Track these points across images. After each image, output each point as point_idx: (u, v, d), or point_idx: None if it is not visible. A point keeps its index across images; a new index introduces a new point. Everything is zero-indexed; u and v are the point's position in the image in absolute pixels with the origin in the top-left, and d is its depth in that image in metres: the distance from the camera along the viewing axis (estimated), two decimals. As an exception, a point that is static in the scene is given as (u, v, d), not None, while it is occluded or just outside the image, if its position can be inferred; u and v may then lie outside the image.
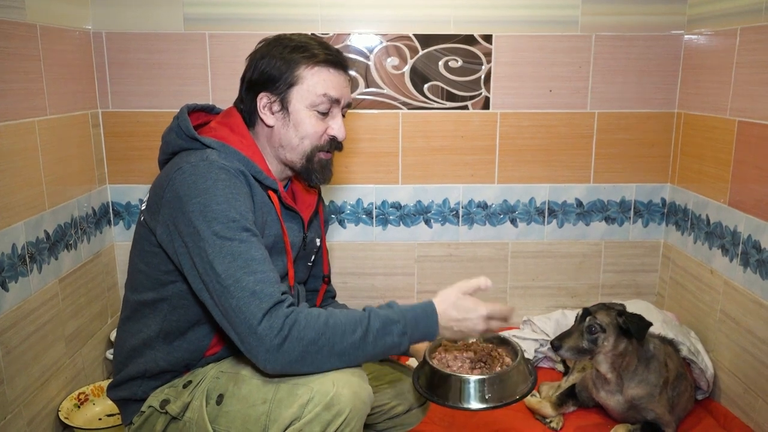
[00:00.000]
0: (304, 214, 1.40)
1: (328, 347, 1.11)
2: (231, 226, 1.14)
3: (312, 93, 1.31)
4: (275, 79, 1.31)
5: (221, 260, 1.12)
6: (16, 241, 1.61)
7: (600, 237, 2.34)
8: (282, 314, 1.10)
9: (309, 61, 1.30)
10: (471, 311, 1.20)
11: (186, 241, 1.15)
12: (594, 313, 1.67)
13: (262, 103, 1.33)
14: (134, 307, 1.30)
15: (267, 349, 1.09)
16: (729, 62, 1.90)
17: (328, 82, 1.32)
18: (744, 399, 1.82)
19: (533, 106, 2.22)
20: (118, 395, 1.34)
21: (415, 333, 1.18)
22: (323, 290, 1.56)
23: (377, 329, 1.15)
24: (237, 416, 1.16)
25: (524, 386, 1.26)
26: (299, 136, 1.33)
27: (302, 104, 1.31)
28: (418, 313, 1.19)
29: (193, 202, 1.15)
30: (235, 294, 1.10)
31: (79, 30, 2.00)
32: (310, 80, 1.31)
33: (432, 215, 2.30)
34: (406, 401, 1.46)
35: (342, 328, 1.13)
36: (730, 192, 1.91)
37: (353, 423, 1.13)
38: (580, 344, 1.65)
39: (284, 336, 1.08)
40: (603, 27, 2.17)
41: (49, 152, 1.78)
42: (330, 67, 1.32)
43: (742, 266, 1.85)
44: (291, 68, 1.30)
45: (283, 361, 1.10)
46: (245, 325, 1.09)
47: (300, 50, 1.31)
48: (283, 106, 1.32)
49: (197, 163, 1.19)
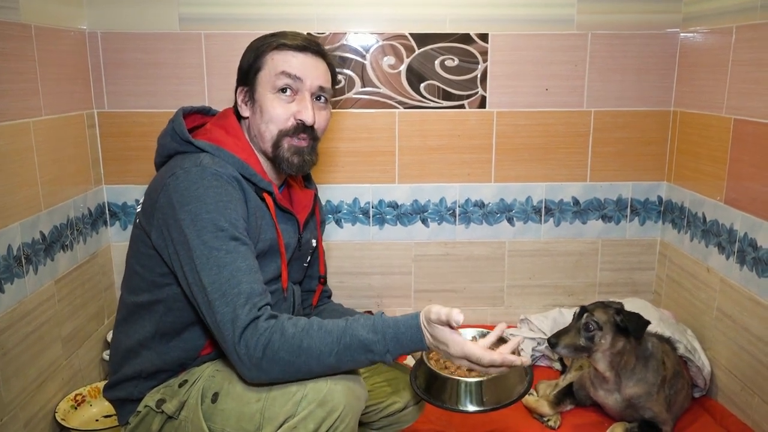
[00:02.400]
0: (300, 216, 1.40)
1: (305, 368, 1.12)
2: (219, 236, 1.15)
3: (272, 74, 1.31)
4: (246, 70, 1.34)
5: (208, 271, 1.13)
6: (11, 242, 1.61)
7: (597, 235, 2.34)
8: (257, 333, 1.11)
9: (271, 45, 1.32)
10: (446, 343, 1.14)
11: (177, 249, 1.17)
12: (591, 311, 1.67)
13: (240, 97, 1.35)
14: (130, 308, 1.31)
15: (248, 367, 1.12)
16: (725, 60, 1.90)
17: (289, 62, 1.31)
18: (741, 396, 1.83)
19: (530, 105, 2.22)
20: (114, 395, 1.34)
21: (399, 346, 1.15)
22: (319, 290, 1.56)
23: (355, 347, 1.13)
24: (232, 414, 1.17)
25: (521, 387, 1.26)
26: (265, 122, 1.32)
27: (265, 89, 1.31)
28: (400, 326, 1.15)
29: (184, 209, 1.16)
30: (219, 310, 1.12)
31: (74, 30, 2.00)
32: (271, 63, 1.31)
33: (429, 214, 2.30)
34: (402, 399, 1.46)
35: (317, 350, 1.11)
36: (726, 190, 1.91)
37: (347, 420, 1.13)
38: (577, 342, 1.65)
39: (259, 357, 1.10)
40: (599, 25, 2.17)
41: (45, 153, 1.78)
42: (294, 50, 1.31)
43: (738, 264, 1.85)
44: (258, 56, 1.32)
45: (265, 377, 1.13)
46: (227, 342, 1.12)
47: (269, 37, 1.33)
48: (251, 96, 1.33)
49: (190, 168, 1.20)
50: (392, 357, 1.15)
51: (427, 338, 1.15)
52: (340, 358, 1.12)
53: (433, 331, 1.14)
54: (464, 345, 1.13)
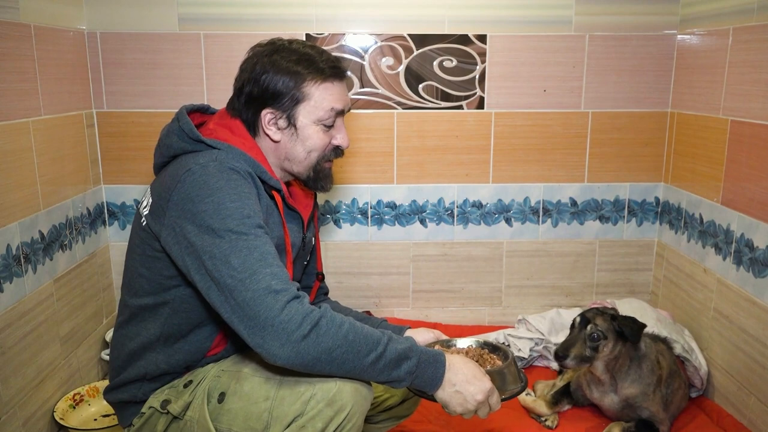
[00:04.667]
0: (304, 215, 1.41)
1: (340, 360, 1.10)
2: (246, 222, 1.14)
3: (320, 108, 1.31)
4: (281, 95, 1.29)
5: (237, 254, 1.10)
6: (10, 242, 1.61)
7: (594, 236, 2.35)
8: (302, 310, 1.08)
9: (315, 77, 1.29)
10: (479, 379, 1.18)
11: (194, 241, 1.13)
12: (593, 319, 1.67)
13: (267, 119, 1.31)
14: (133, 310, 1.29)
15: (282, 342, 1.06)
16: (721, 62, 1.91)
17: (335, 95, 1.32)
18: (737, 396, 1.84)
19: (527, 106, 2.23)
20: (116, 398, 1.33)
21: (420, 377, 1.17)
22: (316, 287, 1.56)
23: (390, 359, 1.13)
24: (239, 414, 1.16)
25: (514, 387, 1.27)
26: (307, 150, 1.34)
27: (309, 119, 1.31)
28: (429, 357, 1.17)
29: (206, 201, 1.14)
30: (251, 286, 1.08)
31: (73, 30, 2.00)
32: (318, 96, 1.30)
33: (427, 215, 2.30)
34: (399, 392, 1.47)
35: (359, 346, 1.11)
36: (723, 191, 1.92)
37: (355, 419, 1.13)
38: (584, 352, 1.65)
39: (303, 334, 1.06)
40: (597, 27, 2.18)
41: (44, 152, 1.78)
42: (335, 80, 1.32)
43: (735, 265, 1.86)
44: (297, 85, 1.29)
45: (295, 359, 1.07)
46: (261, 316, 1.06)
47: (304, 64, 1.29)
48: (290, 123, 1.31)
49: (207, 163, 1.19)
50: (410, 382, 1.16)
51: (446, 375, 1.18)
52: (375, 363, 1.12)
53: (472, 365, 1.21)
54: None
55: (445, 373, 1.18)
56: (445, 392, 1.18)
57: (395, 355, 1.13)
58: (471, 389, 1.17)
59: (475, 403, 1.17)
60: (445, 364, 1.18)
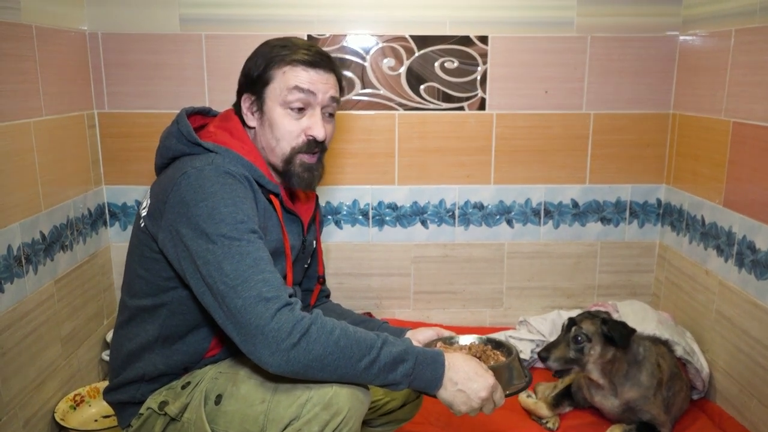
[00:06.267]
0: (304, 218, 1.40)
1: (332, 367, 1.09)
2: (239, 228, 1.13)
3: (283, 88, 1.28)
4: (253, 78, 1.30)
5: (230, 260, 1.10)
6: (11, 242, 1.61)
7: (596, 237, 2.35)
8: (292, 318, 1.07)
9: (284, 59, 1.28)
10: (481, 375, 1.17)
11: (189, 245, 1.13)
12: (579, 322, 1.67)
13: (246, 104, 1.32)
14: (132, 311, 1.29)
15: (272, 351, 1.06)
16: (724, 63, 1.91)
17: (301, 77, 1.28)
18: (739, 399, 1.83)
19: (529, 107, 2.23)
20: (115, 398, 1.33)
21: (418, 379, 1.16)
22: (317, 290, 1.56)
23: (385, 363, 1.12)
24: (235, 416, 1.16)
25: (518, 382, 1.26)
26: (275, 138, 1.30)
27: (275, 102, 1.29)
28: (427, 358, 1.16)
29: (200, 205, 1.14)
30: (242, 294, 1.07)
31: (74, 31, 2.00)
32: (284, 77, 1.28)
33: (428, 216, 2.30)
34: (400, 396, 1.46)
35: (351, 352, 1.10)
36: (725, 193, 1.92)
37: (351, 422, 1.13)
38: (567, 354, 1.66)
39: (293, 343, 1.06)
40: (598, 28, 2.17)
41: (45, 153, 1.78)
42: (306, 66, 1.29)
43: (736, 267, 1.85)
44: (267, 66, 1.29)
45: (286, 368, 1.08)
46: (252, 324, 1.06)
47: (279, 48, 1.29)
48: (260, 107, 1.31)
49: (203, 167, 1.19)
50: (409, 385, 1.15)
51: (447, 374, 1.17)
52: (369, 368, 1.11)
53: (472, 363, 1.20)
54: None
55: (446, 373, 1.17)
56: (447, 392, 1.17)
57: (390, 358, 1.12)
58: (474, 387, 1.16)
59: (479, 401, 1.16)
60: (445, 363, 1.17)
